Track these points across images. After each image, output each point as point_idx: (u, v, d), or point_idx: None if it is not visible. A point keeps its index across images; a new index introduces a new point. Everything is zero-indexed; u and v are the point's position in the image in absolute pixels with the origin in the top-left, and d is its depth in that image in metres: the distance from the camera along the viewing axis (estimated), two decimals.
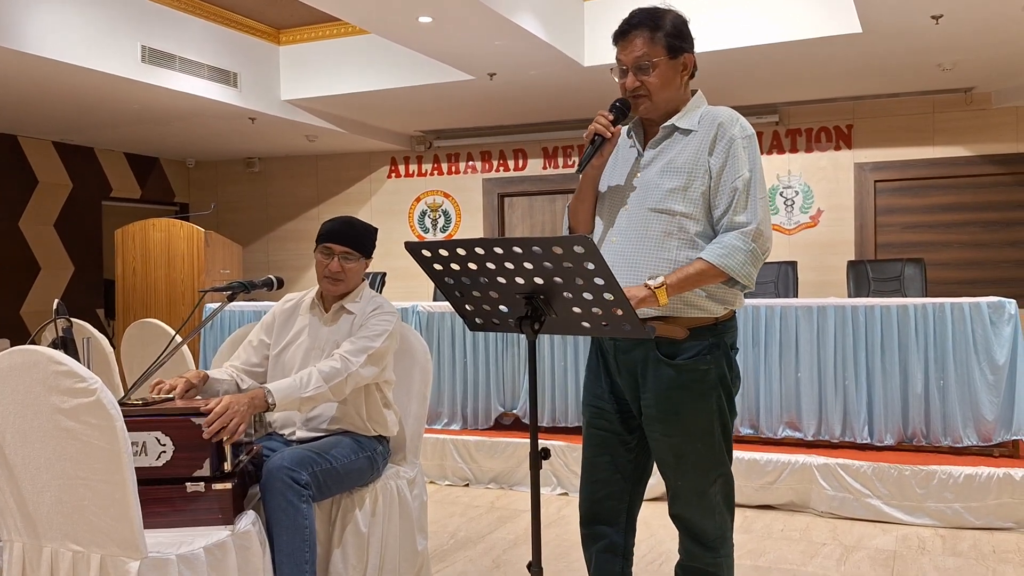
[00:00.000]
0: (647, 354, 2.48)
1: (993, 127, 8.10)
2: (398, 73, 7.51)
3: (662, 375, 2.47)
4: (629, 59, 2.48)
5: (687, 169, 2.45)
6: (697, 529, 2.57)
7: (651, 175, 2.50)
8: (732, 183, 2.43)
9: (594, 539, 2.69)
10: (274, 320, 3.31)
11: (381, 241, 3.45)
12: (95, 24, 6.29)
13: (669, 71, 2.49)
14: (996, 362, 4.77)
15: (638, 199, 2.51)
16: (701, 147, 2.46)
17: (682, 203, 2.45)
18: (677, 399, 2.46)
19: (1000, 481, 4.49)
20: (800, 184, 8.69)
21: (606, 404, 2.62)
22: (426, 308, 5.87)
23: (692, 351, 2.46)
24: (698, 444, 2.49)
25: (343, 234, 3.16)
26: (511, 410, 5.74)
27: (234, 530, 2.59)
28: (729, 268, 2.39)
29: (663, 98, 2.50)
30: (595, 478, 2.66)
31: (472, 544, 4.39)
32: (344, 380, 2.98)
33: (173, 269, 8.32)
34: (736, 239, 2.40)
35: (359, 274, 3.23)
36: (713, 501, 2.55)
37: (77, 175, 9.93)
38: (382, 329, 3.12)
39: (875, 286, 6.83)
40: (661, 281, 2.35)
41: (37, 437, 2.37)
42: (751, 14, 6.27)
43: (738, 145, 2.45)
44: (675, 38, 2.48)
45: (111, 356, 4.45)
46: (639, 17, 2.48)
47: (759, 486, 4.89)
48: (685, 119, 2.52)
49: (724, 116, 2.50)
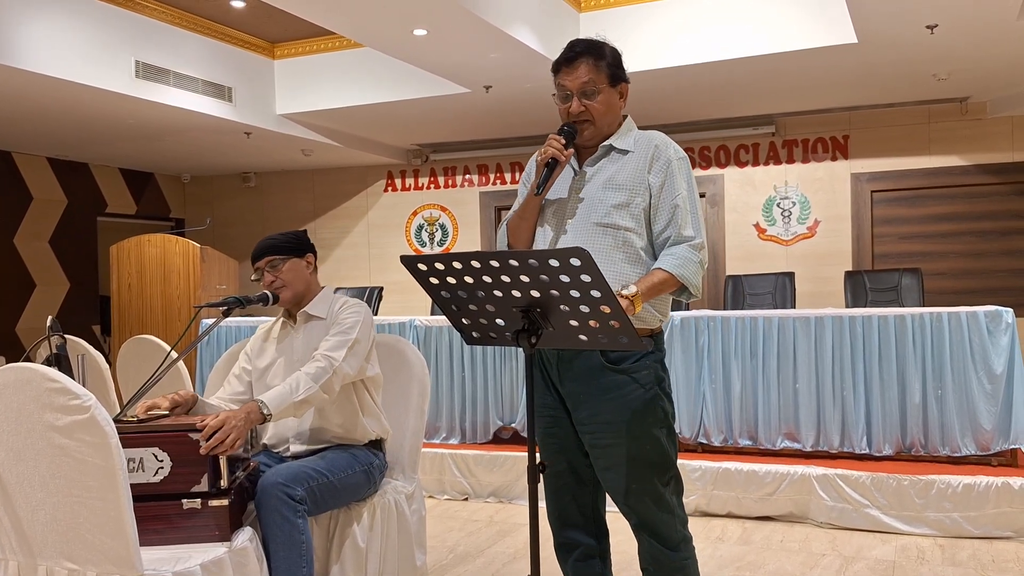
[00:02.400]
0: (591, 362, 2.57)
1: (989, 137, 8.12)
2: (393, 86, 7.51)
3: (610, 381, 2.56)
4: (575, 84, 2.64)
5: (629, 186, 2.60)
6: (663, 534, 2.63)
7: (594, 190, 2.64)
8: (672, 200, 2.59)
9: (568, 549, 2.76)
10: (253, 346, 3.33)
11: (378, 256, 3.46)
12: (89, 39, 6.29)
13: (611, 97, 2.66)
14: (994, 371, 4.76)
15: (583, 213, 2.63)
16: (640, 166, 2.62)
17: (626, 218, 2.59)
18: (624, 403, 2.55)
19: (999, 490, 4.48)
20: (797, 195, 8.70)
21: (558, 412, 2.69)
22: (424, 322, 5.86)
23: (635, 357, 2.57)
24: (647, 446, 2.58)
25: (259, 250, 3.22)
26: (509, 424, 5.72)
27: (231, 547, 2.57)
28: (685, 278, 2.55)
29: (605, 123, 2.67)
30: (558, 486, 2.74)
31: (471, 558, 4.37)
32: (332, 377, 2.98)
33: (169, 285, 8.31)
34: (687, 251, 2.57)
35: (299, 273, 3.23)
36: (670, 503, 2.63)
37: (72, 191, 9.92)
38: (353, 320, 3.13)
39: (872, 296, 6.83)
40: (634, 290, 2.45)
41: (31, 455, 2.36)
42: (747, 25, 6.29)
43: (674, 166, 2.62)
44: (615, 67, 2.67)
45: (107, 373, 4.43)
46: (582, 46, 2.67)
47: (758, 497, 4.87)
48: (621, 140, 2.68)
49: (659, 139, 2.67)
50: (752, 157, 8.82)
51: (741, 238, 8.88)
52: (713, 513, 4.98)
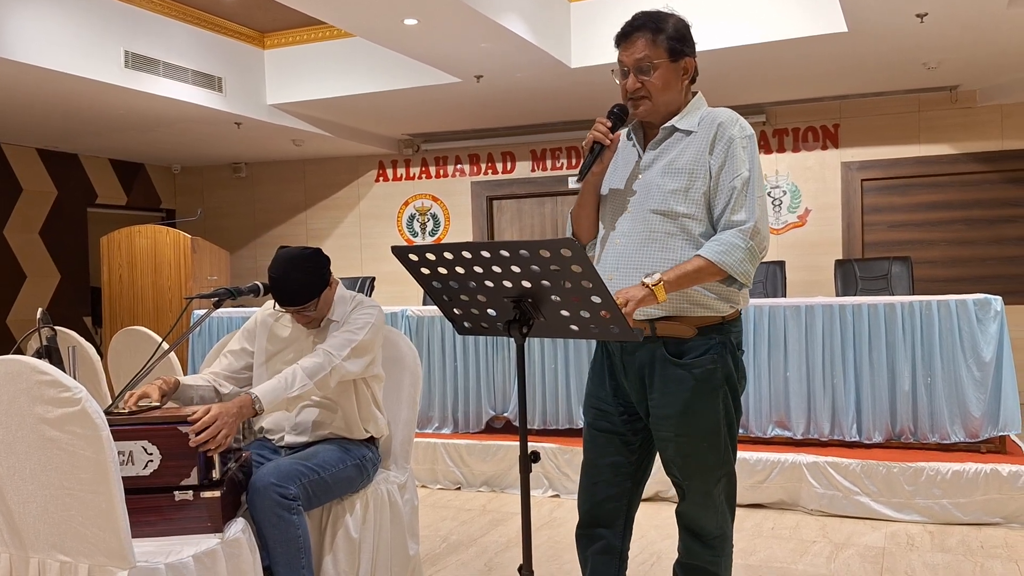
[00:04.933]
0: (654, 354, 2.49)
1: (978, 125, 8.13)
2: (384, 76, 7.49)
3: (669, 375, 2.47)
4: (630, 60, 2.50)
5: (688, 170, 2.47)
6: (698, 527, 2.58)
7: (652, 176, 2.52)
8: (731, 182, 2.44)
9: (590, 540, 2.69)
10: (255, 327, 3.27)
11: (370, 246, 3.43)
12: (77, 30, 6.25)
13: (670, 73, 2.50)
14: (983, 359, 4.79)
15: (640, 201, 2.52)
16: (701, 148, 2.47)
17: (684, 204, 2.46)
18: (685, 398, 2.46)
19: (987, 477, 4.51)
20: (788, 184, 8.72)
21: (609, 406, 2.62)
22: (415, 312, 5.86)
23: (699, 350, 2.46)
24: (704, 443, 2.50)
25: (288, 299, 3.02)
26: (502, 413, 5.73)
27: (223, 538, 2.57)
28: (727, 265, 2.39)
29: (663, 100, 2.51)
30: (596, 480, 2.66)
31: (464, 548, 4.38)
32: (328, 374, 2.95)
33: (160, 276, 8.28)
34: (734, 236, 2.41)
35: (327, 302, 3.14)
36: (716, 500, 2.56)
37: (62, 182, 9.87)
38: (364, 322, 3.09)
39: (863, 285, 6.85)
40: (658, 278, 2.35)
41: (22, 447, 2.36)
42: (737, 15, 6.28)
43: (737, 145, 2.45)
44: (677, 41, 2.50)
45: (98, 364, 4.42)
46: (642, 19, 2.50)
47: (749, 485, 4.89)
48: (685, 120, 2.53)
49: (724, 116, 2.51)
50: None
51: None
52: None
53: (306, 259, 3.06)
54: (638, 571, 3.90)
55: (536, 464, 2.37)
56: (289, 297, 3.01)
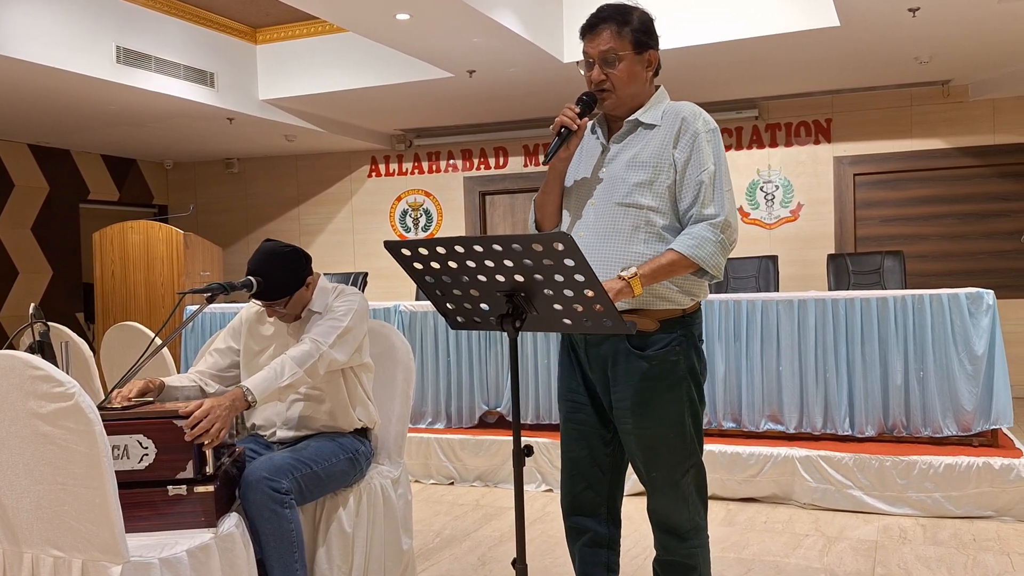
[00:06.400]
0: (617, 347, 2.51)
1: (970, 119, 8.16)
2: (376, 71, 7.48)
3: (633, 367, 2.50)
4: (596, 52, 2.53)
5: (653, 163, 2.49)
6: (672, 523, 2.59)
7: (617, 169, 2.54)
8: (698, 176, 2.47)
9: (578, 533, 2.72)
10: (241, 325, 3.28)
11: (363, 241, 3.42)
12: (69, 25, 6.23)
13: (635, 66, 2.54)
14: (975, 352, 4.80)
15: (605, 193, 2.54)
16: (665, 141, 2.50)
17: (649, 197, 2.49)
18: (649, 390, 2.49)
19: (979, 470, 4.53)
20: (780, 178, 8.73)
21: (582, 397, 2.65)
22: (408, 308, 5.86)
23: (662, 343, 2.49)
24: (670, 434, 2.52)
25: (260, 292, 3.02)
26: (495, 408, 5.73)
27: (217, 533, 2.57)
28: (700, 258, 2.42)
29: (628, 93, 2.55)
30: (574, 472, 2.69)
31: (457, 542, 4.39)
32: (316, 361, 2.95)
33: (152, 272, 8.28)
34: (705, 230, 2.44)
35: (300, 301, 3.12)
36: (686, 492, 2.57)
37: (54, 178, 9.85)
38: (347, 308, 3.09)
39: (855, 279, 6.87)
40: (634, 272, 2.38)
41: (15, 443, 2.35)
42: (729, 9, 6.29)
43: (702, 139, 2.48)
44: (642, 34, 2.53)
45: (91, 360, 4.41)
46: (607, 11, 2.54)
47: (742, 479, 4.91)
48: (648, 114, 2.56)
49: (687, 111, 2.53)
50: (735, 141, 8.83)
51: None
52: None
53: (286, 256, 3.06)
54: (632, 563, 3.91)
55: (529, 459, 2.38)
56: (262, 290, 3.03)
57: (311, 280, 3.14)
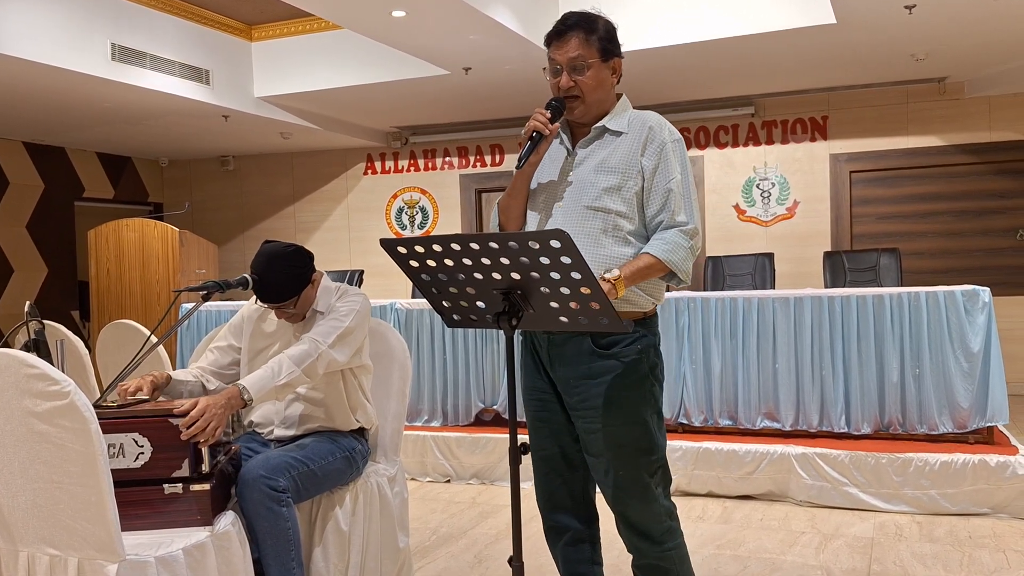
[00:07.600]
0: (581, 347, 2.54)
1: (966, 117, 8.17)
2: (372, 69, 7.47)
3: (597, 366, 2.53)
4: (564, 59, 2.58)
5: (621, 169, 2.54)
6: (644, 527, 2.60)
7: (585, 173, 2.58)
8: (666, 184, 2.53)
9: (558, 533, 2.75)
10: (243, 322, 3.26)
11: (358, 239, 3.42)
12: (63, 22, 6.21)
13: (602, 73, 2.59)
14: (971, 350, 4.81)
15: (573, 196, 2.57)
16: (633, 148, 2.55)
17: (618, 202, 2.53)
18: (616, 388, 2.52)
19: (975, 467, 4.53)
20: (776, 176, 8.74)
21: (548, 396, 2.67)
22: (404, 305, 5.85)
23: (626, 341, 2.53)
24: (637, 431, 2.55)
25: (268, 296, 3.01)
26: (491, 406, 5.73)
27: (213, 531, 2.57)
28: (673, 263, 2.49)
29: (595, 99, 2.60)
30: (547, 469, 2.72)
31: (454, 540, 4.39)
32: (315, 360, 2.94)
33: (148, 269, 8.26)
34: (677, 236, 2.51)
35: (307, 300, 3.11)
36: (655, 492, 2.59)
37: (49, 176, 9.82)
38: (349, 308, 3.09)
39: (851, 276, 6.87)
40: (617, 274, 2.41)
41: (10, 441, 2.34)
42: (726, 6, 6.28)
43: (668, 149, 2.55)
44: (607, 42, 2.59)
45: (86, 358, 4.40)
46: (574, 19, 2.60)
47: (738, 476, 4.91)
48: (615, 121, 2.61)
49: (653, 120, 2.60)
50: (732, 138, 8.83)
51: (721, 219, 8.91)
52: (694, 492, 5.02)
53: (288, 256, 3.05)
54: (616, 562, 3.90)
55: (525, 456, 2.37)
56: (269, 294, 3.01)
57: (315, 277, 3.14)
